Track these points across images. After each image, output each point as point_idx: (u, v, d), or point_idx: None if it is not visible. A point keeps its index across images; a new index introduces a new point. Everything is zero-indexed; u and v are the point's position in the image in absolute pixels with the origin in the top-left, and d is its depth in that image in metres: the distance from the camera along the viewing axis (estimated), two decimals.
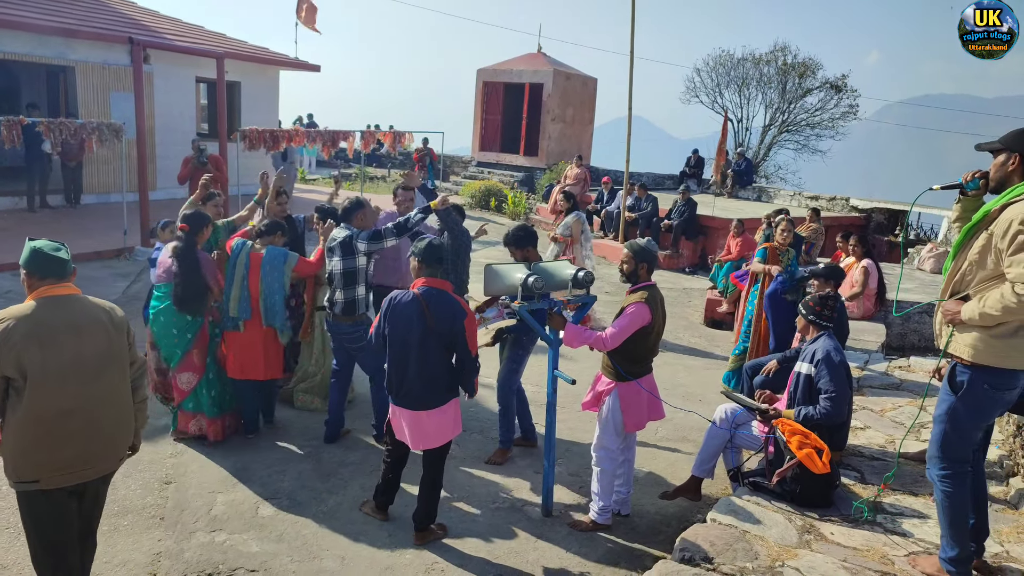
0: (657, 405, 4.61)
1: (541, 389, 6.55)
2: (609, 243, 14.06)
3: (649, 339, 4.43)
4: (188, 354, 5.19)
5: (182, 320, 5.15)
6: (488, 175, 20.52)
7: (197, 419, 5.31)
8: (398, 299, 4.10)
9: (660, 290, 4.58)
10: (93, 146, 10.59)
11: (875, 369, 6.99)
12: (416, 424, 4.16)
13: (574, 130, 20.67)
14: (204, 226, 5.18)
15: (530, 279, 4.30)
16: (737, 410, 4.75)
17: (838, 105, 24.91)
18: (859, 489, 4.55)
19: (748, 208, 16.00)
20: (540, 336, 4.59)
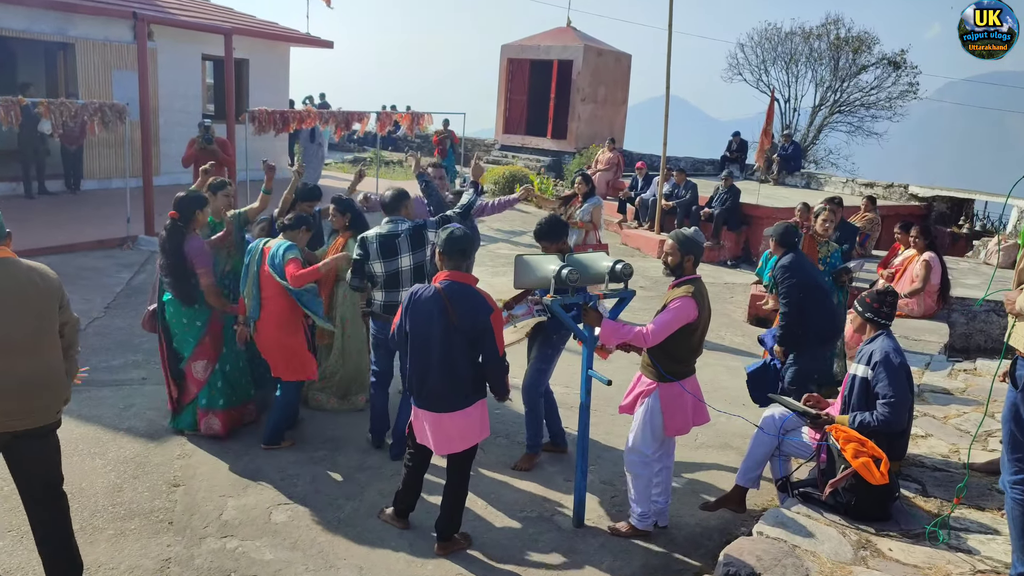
0: (701, 408, 4.61)
1: (572, 391, 6.57)
2: (644, 233, 14.01)
3: (694, 337, 4.43)
4: (201, 342, 5.32)
5: (190, 309, 5.25)
6: (512, 159, 20.53)
7: (209, 417, 5.39)
8: (419, 294, 4.14)
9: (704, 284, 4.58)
10: (95, 128, 10.75)
11: (937, 372, 6.91)
12: (439, 427, 4.20)
13: (606, 111, 20.59)
14: (196, 211, 5.22)
15: (564, 271, 4.30)
16: (785, 415, 4.72)
17: (896, 83, 24.57)
18: (920, 502, 4.51)
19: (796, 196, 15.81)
20: (575, 333, 4.60)
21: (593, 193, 8.97)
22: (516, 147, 21.18)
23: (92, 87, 13.92)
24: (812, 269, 6.02)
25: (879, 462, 4.12)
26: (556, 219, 5.23)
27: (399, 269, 5.16)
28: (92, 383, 6.28)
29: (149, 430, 5.57)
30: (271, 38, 17.06)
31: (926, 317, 8.40)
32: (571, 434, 5.75)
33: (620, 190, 15.66)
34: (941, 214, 15.66)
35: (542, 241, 5.14)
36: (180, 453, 5.28)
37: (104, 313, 8.04)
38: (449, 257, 4.18)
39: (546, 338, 5.26)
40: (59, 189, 13.86)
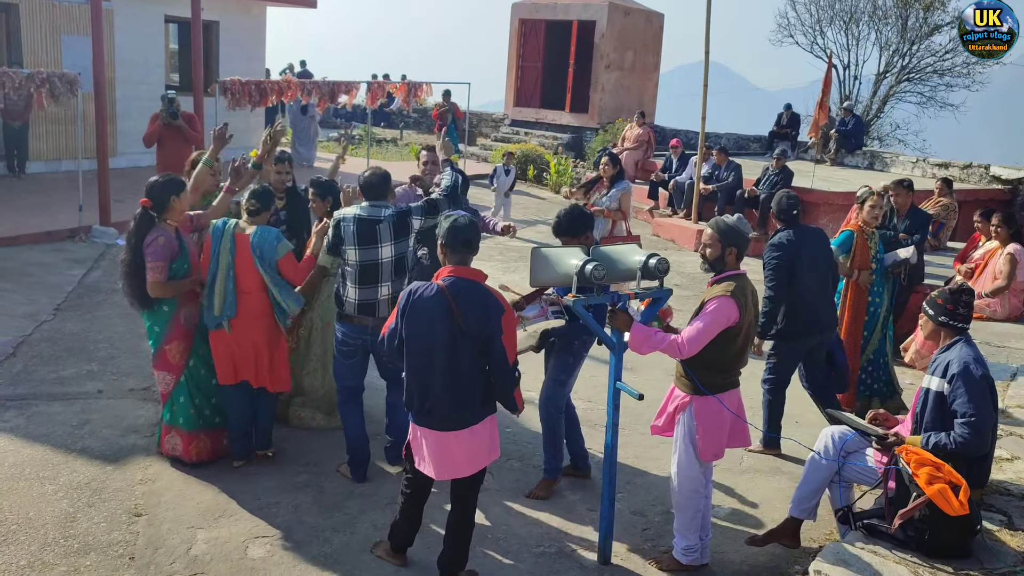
0: (742, 428, 4.60)
1: (595, 407, 6.57)
2: (679, 222, 14.00)
3: (735, 343, 4.43)
4: (160, 349, 5.36)
5: (150, 310, 5.30)
6: (525, 137, 20.56)
7: (172, 435, 5.44)
8: (419, 292, 4.13)
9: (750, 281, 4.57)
10: (43, 102, 10.83)
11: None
12: (443, 448, 4.20)
13: (634, 80, 20.59)
14: (171, 198, 5.23)
15: (589, 267, 4.30)
16: (847, 435, 4.71)
17: None
18: (1007, 536, 4.49)
19: (857, 178, 15.77)
20: (601, 339, 4.60)
21: (622, 176, 8.96)
22: (530, 122, 21.21)
23: (38, 54, 14.02)
24: (812, 251, 5.99)
25: (958, 489, 4.10)
26: (578, 209, 5.22)
27: (379, 260, 5.10)
28: (40, 396, 6.34)
29: (106, 451, 5.60)
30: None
31: (1011, 320, 8.35)
32: (595, 456, 5.75)
33: (651, 172, 15.66)
34: None
35: (562, 236, 5.15)
36: (143, 477, 5.32)
37: (53, 316, 8.10)
38: (453, 250, 4.18)
39: (566, 345, 5.26)
40: (0, 172, 13.97)
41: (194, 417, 5.43)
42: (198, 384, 5.45)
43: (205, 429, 5.49)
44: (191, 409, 5.42)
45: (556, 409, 5.33)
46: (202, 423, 5.47)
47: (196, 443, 5.45)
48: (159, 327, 5.32)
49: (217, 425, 5.57)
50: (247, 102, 13.09)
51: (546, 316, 5.16)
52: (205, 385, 5.49)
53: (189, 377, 5.42)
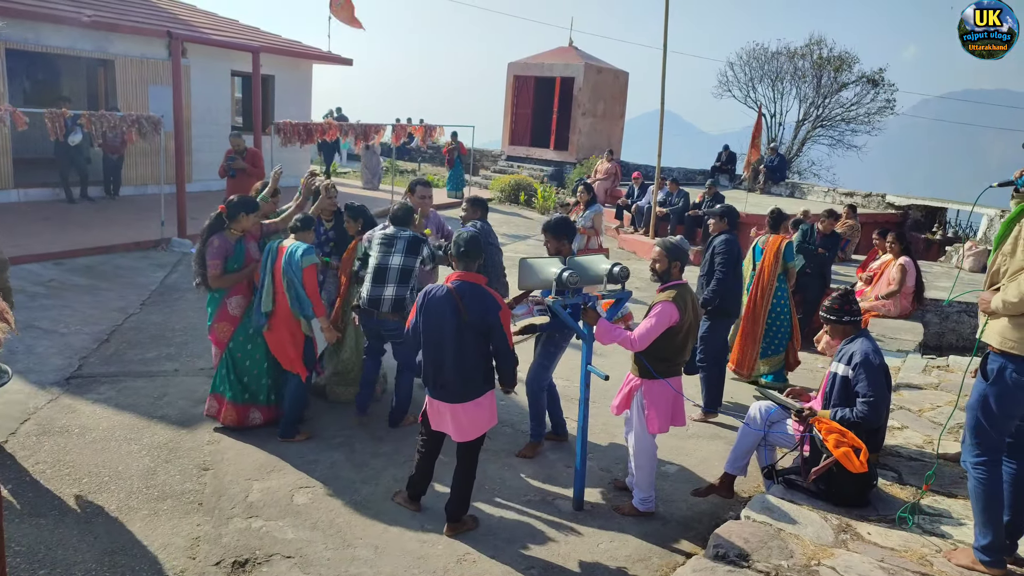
0: (680, 411, 4.60)
1: (572, 384, 6.55)
2: (639, 238, 13.98)
3: (677, 339, 4.42)
4: (212, 326, 5.42)
5: (209, 293, 5.37)
6: (518, 169, 20.51)
7: (212, 400, 5.39)
8: (432, 293, 4.15)
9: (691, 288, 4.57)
10: (133, 138, 10.77)
11: (913, 368, 6.87)
12: (453, 416, 4.21)
13: (605, 124, 20.56)
14: (241, 213, 5.24)
15: (565, 274, 4.30)
16: (771, 408, 4.70)
17: (874, 100, 24.50)
18: (896, 490, 4.48)
19: (780, 204, 15.74)
20: (575, 331, 4.59)
21: (594, 201, 8.96)
22: (521, 157, 21.16)
23: (130, 100, 13.95)
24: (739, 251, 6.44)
25: (859, 452, 4.10)
26: (566, 219, 5.23)
27: (388, 265, 5.33)
28: (128, 374, 6.29)
29: (181, 418, 5.57)
30: (295, 55, 17.07)
31: (902, 317, 8.36)
32: (572, 424, 5.74)
33: (618, 198, 15.63)
34: (916, 221, 15.59)
35: (548, 233, 5.10)
36: (209, 439, 5.28)
37: (140, 309, 8.04)
38: (459, 258, 4.19)
39: (550, 336, 5.25)
40: (99, 195, 13.89)
41: (230, 388, 5.35)
42: (235, 363, 5.37)
43: (234, 402, 5.36)
44: (227, 382, 5.36)
45: (539, 387, 5.31)
46: (232, 395, 5.35)
47: (225, 410, 5.36)
48: (212, 308, 5.41)
49: (246, 401, 5.40)
50: (296, 140, 13.02)
51: (532, 314, 5.14)
52: (240, 366, 5.38)
53: (229, 355, 5.36)
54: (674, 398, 4.55)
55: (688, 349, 4.55)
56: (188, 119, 14.52)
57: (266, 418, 5.48)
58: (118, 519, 4.25)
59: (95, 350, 6.79)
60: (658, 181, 13.55)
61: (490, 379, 4.23)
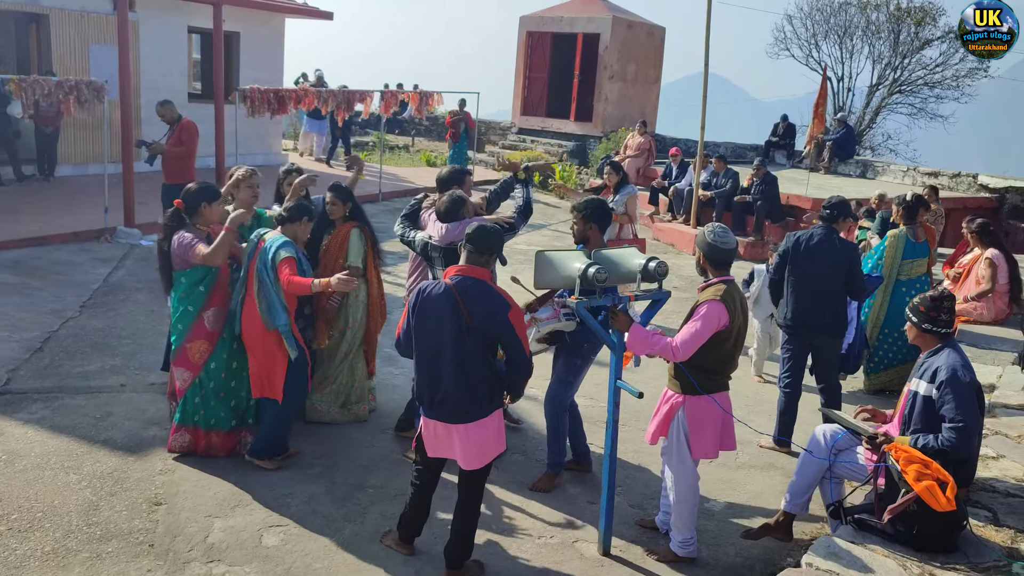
0: (729, 433, 4.60)
1: (597, 404, 6.55)
2: (679, 227, 13.97)
3: (725, 346, 4.42)
4: (182, 347, 5.33)
5: (176, 304, 5.31)
6: (532, 144, 20.53)
7: (181, 434, 5.39)
8: (428, 291, 4.14)
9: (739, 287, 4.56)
10: (71, 108, 10.84)
11: (1010, 385, 6.82)
12: (452, 439, 4.22)
13: (637, 90, 20.55)
14: (202, 203, 5.24)
15: (591, 270, 4.29)
16: (838, 433, 4.69)
17: (964, 60, 24.29)
18: (991, 532, 4.45)
19: (849, 186, 15.71)
20: (601, 339, 4.59)
21: (626, 182, 8.98)
22: (536, 131, 21.18)
23: (67, 63, 14.05)
24: (817, 253, 6.14)
25: (945, 486, 4.07)
26: (604, 202, 5.23)
27: None
28: (66, 390, 6.34)
29: (128, 443, 5.60)
30: (264, 8, 17.15)
31: (997, 322, 8.30)
32: (597, 452, 5.73)
33: (652, 179, 15.61)
34: (1015, 207, 15.47)
35: (579, 215, 5.09)
36: (162, 468, 5.31)
37: (80, 313, 8.11)
38: (474, 249, 4.15)
39: (575, 346, 5.24)
40: (31, 174, 13.99)
41: (206, 417, 5.38)
42: (217, 386, 5.39)
43: (216, 430, 5.42)
44: (203, 410, 5.37)
45: (560, 408, 5.31)
46: (213, 423, 5.40)
47: (208, 441, 5.40)
48: (183, 324, 5.30)
49: (233, 428, 5.49)
50: (266, 109, 13.08)
51: (558, 318, 5.12)
52: (224, 387, 5.42)
53: (207, 378, 5.37)
54: (722, 418, 4.54)
55: (737, 358, 4.55)
56: (137, 85, 14.60)
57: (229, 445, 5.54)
58: (53, 564, 4.28)
59: (26, 361, 6.84)
60: (701, 158, 13.53)
61: (498, 396, 4.24)
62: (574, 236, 5.17)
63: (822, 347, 6.22)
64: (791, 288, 6.20)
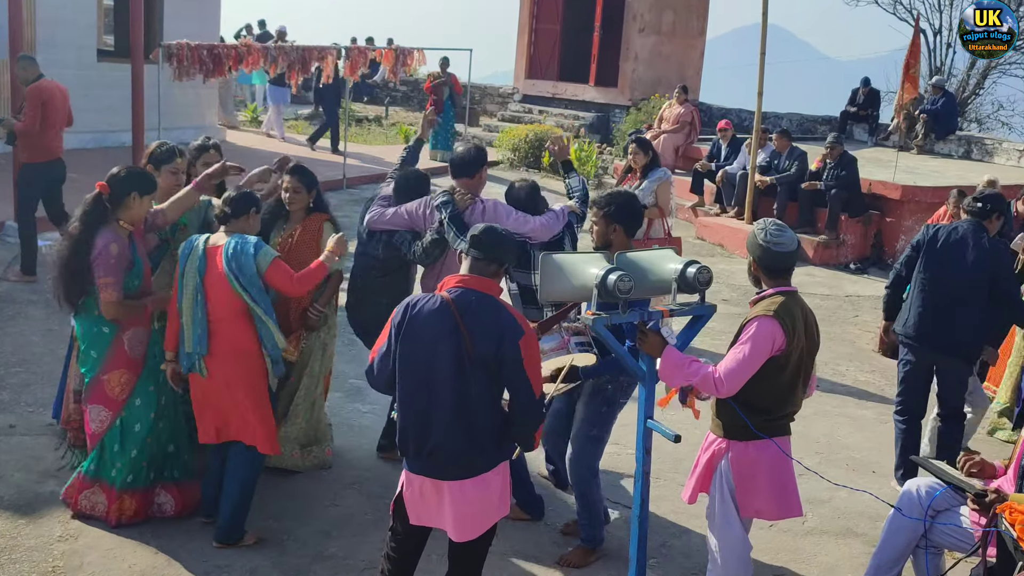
0: (791, 490, 4.59)
1: (623, 450, 6.55)
2: (730, 222, 13.99)
3: (783, 376, 4.41)
4: (97, 379, 5.30)
5: (87, 325, 5.28)
6: (540, 116, 20.60)
7: (94, 491, 5.38)
8: (419, 306, 4.12)
9: (804, 299, 4.56)
10: None
11: None
12: (446, 501, 4.18)
13: (675, 47, 20.62)
14: (131, 194, 5.20)
15: (613, 277, 4.28)
16: (936, 489, 4.69)
17: None
18: None
19: (950, 169, 15.74)
20: (628, 367, 4.58)
21: (657, 164, 8.97)
22: (545, 98, 21.24)
23: None
24: (950, 255, 6.26)
25: None
26: (634, 196, 5.30)
27: None
28: None
29: (18, 500, 5.59)
30: None
31: None
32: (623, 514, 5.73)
33: (695, 160, 15.64)
34: None
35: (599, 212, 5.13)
36: (62, 533, 5.31)
37: None
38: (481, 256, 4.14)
39: (597, 389, 5.21)
40: None
41: (125, 472, 5.34)
42: (143, 430, 5.37)
43: (132, 489, 5.38)
44: (124, 462, 5.34)
45: (589, 471, 5.29)
46: (133, 480, 5.37)
47: (121, 504, 5.36)
48: (97, 351, 5.27)
49: (151, 483, 5.45)
50: (197, 71, 13.11)
51: (567, 349, 5.08)
52: (151, 430, 5.40)
53: (131, 419, 5.34)
54: (780, 470, 4.52)
55: (800, 394, 4.54)
56: (31, 39, 14.65)
57: (181, 503, 5.50)
58: None
59: None
60: (758, 134, 13.56)
61: (505, 443, 4.24)
62: (593, 239, 5.18)
63: (946, 370, 6.33)
64: (917, 290, 6.33)
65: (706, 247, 13.77)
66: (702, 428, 4.92)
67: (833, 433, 7.57)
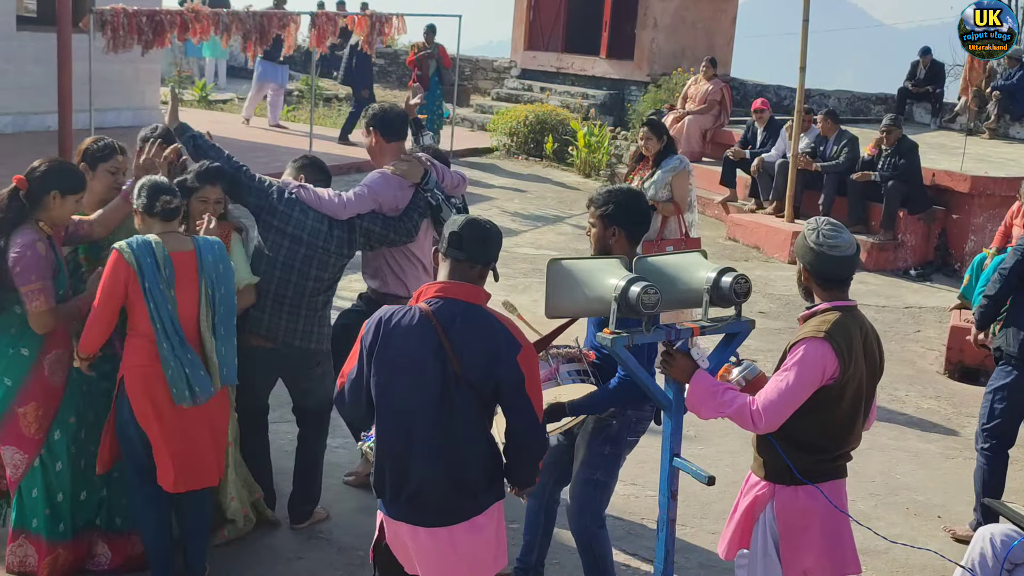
0: (847, 544, 4.57)
1: (643, 492, 6.55)
2: (767, 220, 13.99)
3: (837, 409, 4.38)
4: (11, 412, 5.23)
5: (3, 346, 5.24)
6: (541, 94, 20.63)
7: (21, 543, 5.35)
8: (394, 321, 4.10)
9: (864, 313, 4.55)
10: None
11: None
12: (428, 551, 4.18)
13: (701, 11, 20.67)
14: (52, 192, 5.18)
15: (635, 288, 4.27)
16: (1013, 538, 4.68)
17: None
18: None
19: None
20: (652, 395, 4.57)
21: (672, 150, 8.94)
22: (548, 73, 21.28)
23: None
24: None
25: None
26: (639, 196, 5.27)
27: None
28: None
29: None
30: None
31: None
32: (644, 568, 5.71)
33: (726, 146, 15.65)
34: None
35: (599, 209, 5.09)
36: None
37: None
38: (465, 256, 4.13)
39: (600, 425, 5.16)
40: None
41: (51, 520, 5.32)
42: (66, 469, 5.35)
43: (63, 540, 5.36)
44: (47, 509, 5.32)
45: (594, 521, 5.22)
46: (63, 530, 5.35)
47: (53, 557, 5.34)
48: (11, 378, 5.21)
49: (82, 533, 5.43)
50: (135, 41, 13.12)
51: (556, 379, 5.01)
52: (73, 470, 5.38)
53: (51, 458, 5.31)
54: (833, 521, 4.52)
55: (858, 429, 4.52)
56: None
57: (120, 556, 5.50)
58: None
59: None
60: (800, 115, 13.56)
61: (498, 481, 4.23)
62: (591, 244, 5.16)
63: None
64: None
65: (739, 249, 13.77)
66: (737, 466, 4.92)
67: (891, 471, 7.54)
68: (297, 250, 5.70)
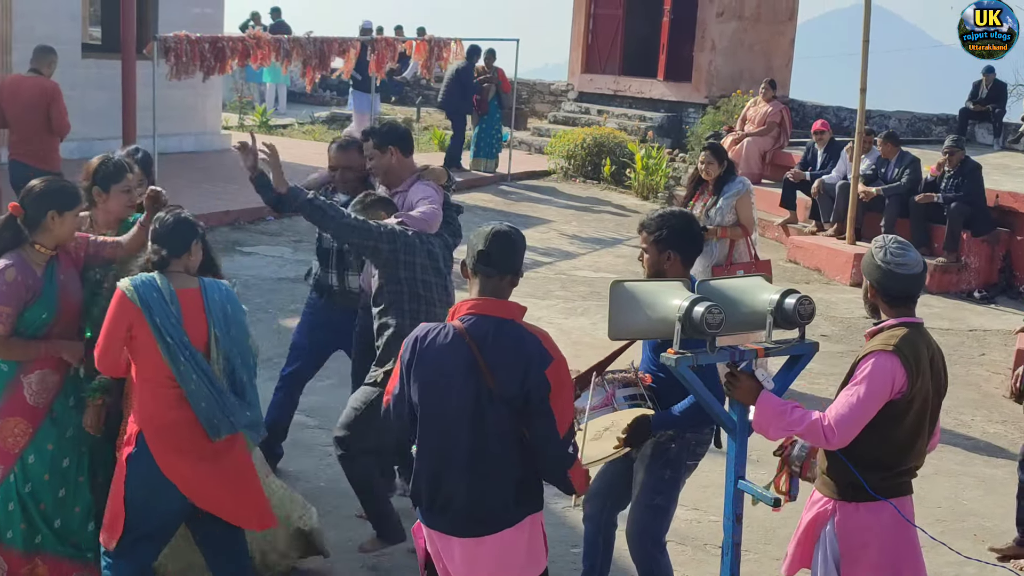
0: (915, 560, 4.53)
1: (705, 517, 6.50)
2: (829, 242, 13.91)
3: (902, 424, 4.36)
4: None
5: None
6: (599, 117, 20.64)
7: None
8: (428, 339, 4.15)
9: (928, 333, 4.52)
10: None
11: None
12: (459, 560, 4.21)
13: (760, 34, 20.61)
14: (48, 213, 5.18)
15: (699, 308, 4.26)
16: None
17: None
18: None
19: None
20: (716, 417, 4.55)
21: (733, 173, 8.90)
22: (606, 96, 21.29)
23: None
24: None
25: None
26: (691, 216, 5.24)
27: None
28: None
29: None
30: None
31: None
32: None
33: (786, 168, 15.58)
34: None
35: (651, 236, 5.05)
36: None
37: None
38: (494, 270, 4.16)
39: (659, 451, 5.14)
40: None
41: (27, 533, 5.29)
42: (36, 493, 5.32)
43: (43, 553, 5.33)
44: (22, 523, 5.30)
45: (655, 545, 5.21)
46: (41, 542, 5.31)
47: (30, 568, 5.32)
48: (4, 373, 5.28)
49: (67, 557, 5.39)
50: (197, 67, 13.28)
51: (612, 405, 4.97)
52: (46, 495, 5.35)
53: (22, 478, 5.29)
54: (899, 537, 4.47)
55: (924, 442, 4.47)
56: (7, 34, 14.92)
57: None
58: None
59: None
60: (860, 137, 13.49)
61: (534, 494, 4.23)
62: (644, 269, 5.13)
63: None
64: None
65: (800, 272, 13.69)
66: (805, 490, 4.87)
67: (957, 496, 7.46)
68: (435, 267, 5.89)
